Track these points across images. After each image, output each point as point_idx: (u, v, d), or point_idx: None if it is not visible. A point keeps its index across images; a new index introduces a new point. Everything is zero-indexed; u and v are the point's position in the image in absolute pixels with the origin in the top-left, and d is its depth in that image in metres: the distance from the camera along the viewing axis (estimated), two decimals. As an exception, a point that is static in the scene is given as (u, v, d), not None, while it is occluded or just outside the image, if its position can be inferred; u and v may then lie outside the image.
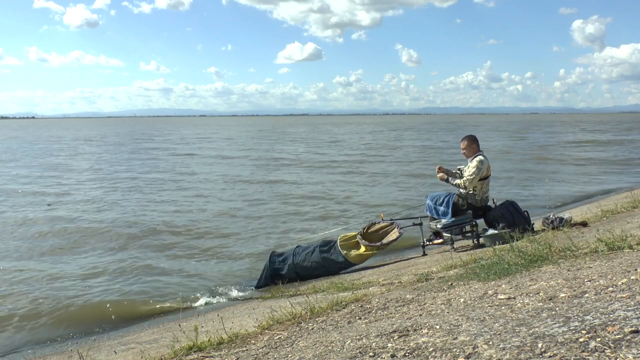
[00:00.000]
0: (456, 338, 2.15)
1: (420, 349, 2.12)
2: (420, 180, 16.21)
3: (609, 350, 1.72)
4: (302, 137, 48.91)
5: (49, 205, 12.28)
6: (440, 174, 6.68)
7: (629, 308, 2.14)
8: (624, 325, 1.92)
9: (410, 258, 6.74)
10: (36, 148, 35.97)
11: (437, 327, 2.41)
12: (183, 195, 14.26)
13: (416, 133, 56.15)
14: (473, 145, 6.59)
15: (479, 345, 2.00)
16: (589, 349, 1.75)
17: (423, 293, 3.56)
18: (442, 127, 72.92)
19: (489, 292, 3.10)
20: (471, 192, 6.40)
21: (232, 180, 17.52)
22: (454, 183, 6.49)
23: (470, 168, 6.41)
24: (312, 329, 3.11)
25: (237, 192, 14.87)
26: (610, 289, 2.56)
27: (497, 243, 5.64)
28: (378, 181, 16.61)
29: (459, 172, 6.73)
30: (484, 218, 6.54)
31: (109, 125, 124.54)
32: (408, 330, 2.45)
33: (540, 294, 2.74)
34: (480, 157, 6.43)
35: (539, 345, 1.86)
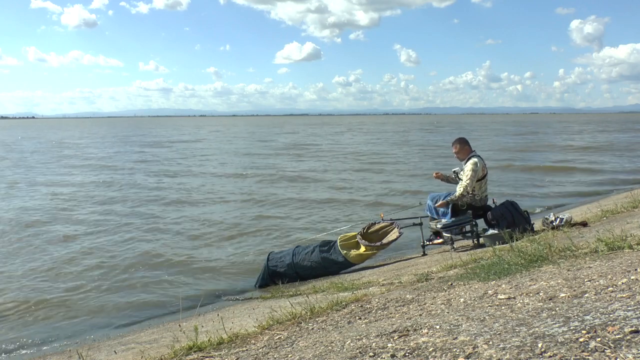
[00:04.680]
0: (456, 338, 2.15)
1: (420, 349, 2.12)
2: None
3: (609, 350, 1.72)
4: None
5: None
6: (442, 203, 6.49)
7: (629, 308, 2.14)
8: (624, 325, 1.92)
9: (410, 258, 6.74)
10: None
11: (437, 327, 2.41)
12: (181, 196, 14.26)
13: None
14: (465, 147, 6.60)
15: (479, 345, 2.00)
16: (589, 349, 1.75)
17: (423, 293, 3.56)
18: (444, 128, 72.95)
19: (489, 292, 3.10)
20: (470, 192, 6.40)
21: (230, 181, 17.52)
22: (454, 197, 6.33)
23: (466, 172, 6.40)
24: (312, 329, 3.11)
25: (235, 192, 14.86)
26: (610, 289, 2.56)
27: (497, 243, 5.64)
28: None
29: (454, 174, 6.73)
30: (484, 218, 6.53)
31: (106, 125, 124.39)
32: (408, 330, 2.44)
33: (540, 294, 2.74)
34: (474, 159, 6.43)
35: (539, 345, 1.86)
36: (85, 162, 24.87)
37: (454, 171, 6.74)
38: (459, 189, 6.35)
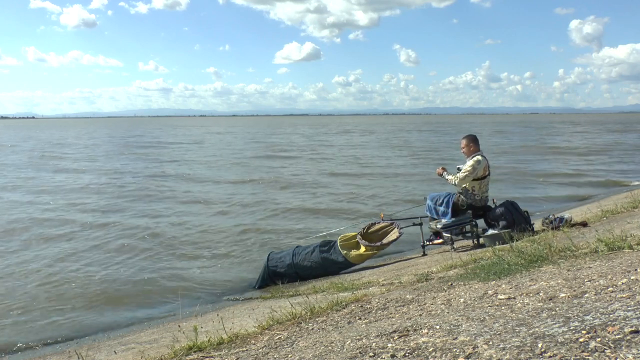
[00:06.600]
0: (456, 338, 2.15)
1: (420, 349, 2.12)
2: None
3: (609, 350, 1.72)
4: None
5: None
6: (439, 170, 6.79)
7: (629, 308, 2.14)
8: (624, 325, 1.92)
9: (410, 258, 6.74)
10: None
11: (437, 327, 2.41)
12: (180, 196, 14.25)
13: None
14: (471, 145, 6.61)
15: (479, 345, 2.00)
16: (589, 349, 1.75)
17: (423, 293, 3.56)
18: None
19: (489, 292, 3.10)
20: (470, 191, 6.41)
21: (231, 182, 17.51)
22: (447, 178, 6.55)
23: (466, 166, 6.44)
24: (312, 329, 3.11)
25: (235, 192, 14.86)
26: (610, 289, 2.56)
27: (497, 243, 5.64)
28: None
29: (458, 170, 6.75)
30: (484, 218, 6.54)
31: (95, 125, 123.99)
32: (408, 330, 2.44)
33: (540, 294, 2.74)
34: (478, 157, 6.44)
35: (539, 345, 1.86)
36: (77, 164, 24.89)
37: (458, 167, 6.77)
38: (452, 178, 6.47)
